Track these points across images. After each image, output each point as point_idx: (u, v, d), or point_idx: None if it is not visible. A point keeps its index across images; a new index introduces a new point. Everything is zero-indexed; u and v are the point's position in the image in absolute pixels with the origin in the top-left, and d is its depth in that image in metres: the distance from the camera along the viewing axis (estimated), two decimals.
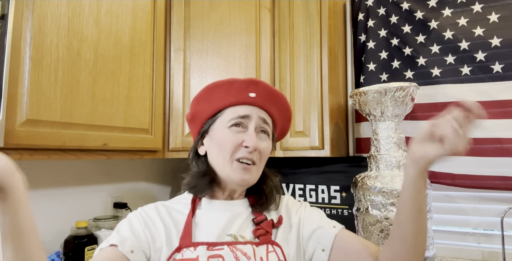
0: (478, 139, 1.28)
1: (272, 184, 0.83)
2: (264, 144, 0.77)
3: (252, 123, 0.76)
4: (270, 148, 0.79)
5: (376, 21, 1.52)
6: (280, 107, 0.82)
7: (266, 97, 0.78)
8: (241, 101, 0.77)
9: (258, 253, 0.71)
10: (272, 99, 0.79)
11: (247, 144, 0.73)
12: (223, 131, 0.76)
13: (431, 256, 1.12)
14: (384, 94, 1.17)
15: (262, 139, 0.77)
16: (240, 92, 0.77)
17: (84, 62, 1.03)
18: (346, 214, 1.52)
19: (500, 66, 1.28)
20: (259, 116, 0.77)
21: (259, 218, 0.77)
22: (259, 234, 0.74)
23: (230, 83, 0.78)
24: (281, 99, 0.81)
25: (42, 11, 0.92)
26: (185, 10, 1.40)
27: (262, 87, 0.78)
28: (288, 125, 0.87)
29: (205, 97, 0.80)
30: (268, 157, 0.79)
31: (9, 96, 0.83)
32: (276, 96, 0.80)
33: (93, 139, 1.04)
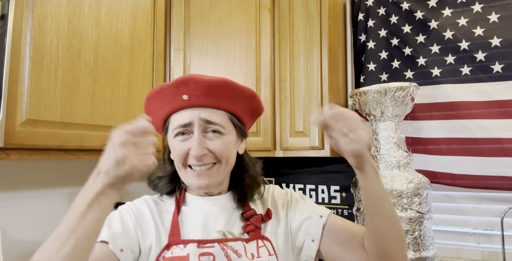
0: (478, 139, 1.28)
1: (251, 174, 0.79)
2: (216, 143, 0.71)
3: (196, 129, 0.70)
4: (228, 143, 0.73)
5: (376, 21, 1.52)
6: (228, 94, 0.73)
7: (202, 94, 0.70)
8: (176, 108, 0.72)
9: (249, 250, 0.71)
10: (210, 92, 0.71)
11: (191, 154, 0.70)
12: (171, 141, 0.74)
13: (431, 256, 1.12)
14: (384, 94, 1.17)
15: (212, 139, 0.71)
16: (172, 97, 0.71)
17: (84, 62, 1.03)
18: (346, 214, 1.52)
19: (500, 66, 1.28)
20: (200, 118, 0.70)
21: (249, 213, 0.76)
22: (249, 230, 0.73)
23: (159, 91, 0.73)
24: (223, 86, 0.72)
25: (42, 11, 0.92)
26: (185, 10, 1.40)
27: (192, 85, 0.70)
28: (253, 100, 0.77)
29: (148, 108, 0.77)
30: (233, 150, 0.75)
31: (9, 96, 0.83)
32: (214, 86, 0.71)
33: (93, 139, 1.03)
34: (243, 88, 0.75)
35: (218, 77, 0.72)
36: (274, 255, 0.72)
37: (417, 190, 1.12)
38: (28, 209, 1.17)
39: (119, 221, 0.71)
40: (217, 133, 0.72)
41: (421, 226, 1.11)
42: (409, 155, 1.19)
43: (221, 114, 0.73)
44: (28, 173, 1.18)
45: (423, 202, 1.12)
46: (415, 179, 1.13)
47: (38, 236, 1.18)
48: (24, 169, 1.17)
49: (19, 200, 1.15)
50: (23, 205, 1.16)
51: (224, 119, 0.73)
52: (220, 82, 0.71)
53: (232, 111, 0.75)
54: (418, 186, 1.12)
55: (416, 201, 1.11)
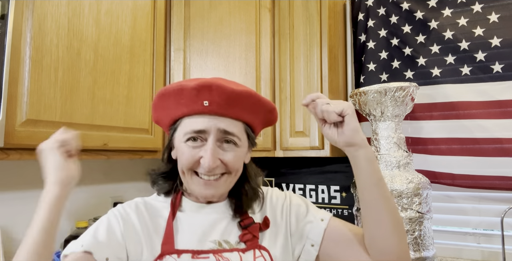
0: (478, 139, 1.28)
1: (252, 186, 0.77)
2: (230, 155, 0.68)
3: (211, 138, 0.66)
4: (240, 156, 0.70)
5: (376, 21, 1.52)
6: (250, 106, 0.69)
7: (224, 102, 0.66)
8: (194, 112, 0.67)
9: (245, 259, 0.68)
10: (233, 102, 0.67)
11: (203, 164, 0.66)
12: (180, 144, 0.69)
13: (431, 256, 1.12)
14: (384, 94, 1.17)
15: (226, 150, 0.68)
16: (192, 100, 0.67)
17: (84, 62, 1.03)
18: (346, 214, 1.52)
19: (500, 66, 1.28)
20: (218, 128, 0.66)
21: (246, 222, 0.72)
22: (246, 239, 0.70)
23: (179, 91, 0.68)
24: (247, 98, 0.68)
25: (42, 11, 0.92)
26: (185, 10, 1.40)
27: (216, 92, 0.65)
28: (271, 115, 0.76)
29: (159, 104, 0.72)
30: (241, 163, 0.72)
31: (9, 96, 0.83)
32: (238, 97, 0.67)
33: (93, 139, 1.04)
34: (265, 102, 0.72)
35: (243, 88, 0.68)
36: None
37: (417, 190, 1.12)
38: (28, 209, 1.17)
39: (105, 229, 0.68)
40: (232, 144, 0.69)
41: (421, 226, 1.11)
42: (409, 155, 1.19)
43: (239, 125, 0.70)
44: (28, 173, 1.18)
45: (423, 202, 1.12)
46: (415, 179, 1.13)
47: None
48: (24, 169, 1.17)
49: (19, 200, 1.15)
50: (23, 205, 1.16)
51: (240, 130, 0.70)
52: (246, 93, 0.67)
53: (249, 122, 0.72)
54: (418, 186, 1.12)
55: (416, 201, 1.11)
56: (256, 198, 0.77)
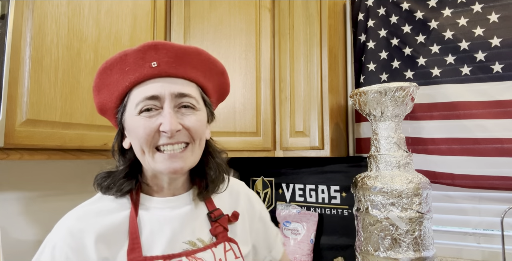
0: (478, 139, 1.28)
1: (217, 161, 0.71)
2: (192, 118, 0.62)
3: (166, 103, 0.60)
4: (203, 120, 0.65)
5: (376, 21, 1.52)
6: (201, 64, 0.65)
7: (173, 60, 0.61)
8: (143, 76, 0.61)
9: (218, 255, 0.65)
10: (182, 59, 0.62)
11: (163, 129, 0.59)
12: (134, 119, 0.61)
13: (431, 256, 1.12)
14: (384, 94, 1.17)
15: (186, 114, 0.62)
16: (138, 64, 0.61)
17: (84, 62, 1.03)
18: (346, 214, 1.52)
19: (500, 66, 1.28)
20: (172, 92, 0.60)
21: (216, 213, 0.69)
22: (217, 232, 0.68)
23: (122, 57, 0.61)
24: (197, 55, 0.65)
25: (42, 11, 0.92)
26: (185, 10, 1.40)
27: (163, 50, 0.61)
28: (224, 79, 0.71)
29: (101, 84, 0.64)
30: (204, 128, 0.66)
31: (9, 96, 0.83)
32: (187, 53, 0.63)
33: (93, 139, 1.03)
34: (216, 61, 0.68)
35: (194, 47, 0.63)
36: (241, 258, 0.69)
37: (417, 190, 1.12)
38: (28, 209, 1.17)
39: None
40: (191, 108, 0.63)
41: (421, 226, 1.11)
42: (409, 155, 1.20)
43: (194, 87, 0.65)
44: (28, 173, 1.18)
45: (423, 202, 1.12)
46: (415, 179, 1.13)
47: (38, 236, 1.18)
48: (24, 169, 1.17)
49: (19, 200, 1.15)
50: (23, 205, 1.16)
51: (196, 92, 0.65)
52: (194, 49, 0.64)
53: (203, 85, 0.67)
54: (418, 186, 1.12)
55: (416, 201, 1.11)
56: (222, 177, 0.72)
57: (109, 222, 0.61)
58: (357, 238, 1.22)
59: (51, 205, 1.23)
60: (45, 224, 1.21)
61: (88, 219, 0.61)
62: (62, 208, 1.26)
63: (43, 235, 1.22)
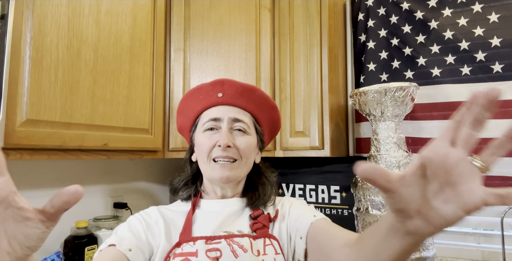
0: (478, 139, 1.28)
1: (266, 180, 0.85)
2: (241, 140, 0.78)
3: (224, 124, 0.78)
4: (251, 143, 0.80)
5: (376, 21, 1.52)
6: (255, 99, 0.82)
7: (235, 94, 0.80)
8: (210, 104, 0.81)
9: (255, 246, 0.72)
10: (242, 94, 0.80)
11: (219, 143, 0.75)
12: (200, 136, 0.79)
13: (431, 256, 1.12)
14: (384, 94, 1.17)
15: (238, 136, 0.78)
16: (209, 95, 0.81)
17: (84, 62, 1.03)
18: (346, 214, 1.52)
19: (500, 66, 1.28)
20: (229, 116, 0.78)
21: (256, 213, 0.79)
22: (256, 228, 0.75)
23: (198, 89, 0.82)
24: (253, 91, 0.82)
25: (42, 11, 0.92)
26: (185, 10, 1.40)
27: (228, 85, 0.80)
28: (275, 113, 0.87)
29: (183, 108, 0.85)
30: (253, 153, 0.81)
31: (9, 96, 0.83)
32: (246, 89, 0.81)
33: (93, 139, 1.04)
34: (268, 97, 0.84)
35: (250, 84, 0.82)
36: (281, 254, 0.73)
37: None
38: None
39: (127, 227, 0.74)
40: (242, 132, 0.79)
41: None
42: (409, 155, 1.19)
43: (248, 116, 0.81)
44: (28, 173, 1.18)
45: None
46: None
47: None
48: (24, 169, 1.17)
49: None
50: None
51: (249, 119, 0.81)
52: (252, 86, 0.82)
53: (256, 116, 0.83)
54: None
55: None
56: (271, 191, 0.83)
57: (174, 214, 0.79)
58: None
59: None
60: None
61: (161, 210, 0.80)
62: None
63: None
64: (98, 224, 1.29)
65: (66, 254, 1.18)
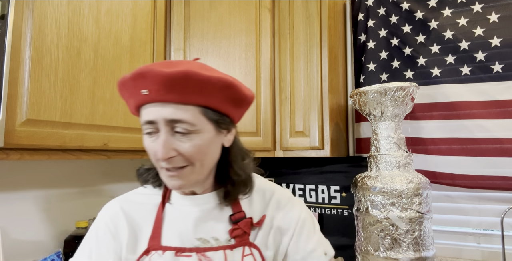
0: (478, 139, 1.28)
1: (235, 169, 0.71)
2: (186, 145, 0.62)
3: (162, 128, 0.62)
4: (200, 143, 0.63)
5: (376, 21, 1.52)
6: (193, 86, 0.60)
7: (163, 88, 0.59)
8: (140, 102, 0.63)
9: (231, 258, 0.65)
10: (172, 86, 0.59)
11: (156, 157, 0.62)
12: (144, 138, 0.66)
13: (431, 256, 1.12)
14: (384, 94, 1.17)
15: (181, 139, 0.62)
16: (134, 93, 0.63)
17: (84, 62, 1.03)
18: (346, 214, 1.52)
19: (500, 66, 1.28)
20: (164, 117, 0.61)
21: (237, 216, 0.69)
22: (236, 235, 0.66)
23: (122, 84, 0.65)
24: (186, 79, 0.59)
25: (42, 11, 0.92)
26: (185, 10, 1.40)
27: (150, 78, 0.59)
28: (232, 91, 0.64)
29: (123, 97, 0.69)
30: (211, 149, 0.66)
31: (9, 96, 0.82)
32: (176, 79, 0.59)
33: (93, 139, 1.03)
34: (211, 79, 0.61)
35: (180, 69, 0.59)
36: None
37: (417, 190, 1.12)
38: (28, 209, 1.17)
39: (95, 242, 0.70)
40: (185, 133, 0.62)
41: (421, 226, 1.11)
42: (409, 155, 1.19)
43: (189, 109, 0.62)
44: (28, 173, 1.18)
45: (423, 202, 1.12)
46: (415, 179, 1.13)
47: (38, 236, 1.18)
48: (24, 169, 1.17)
49: (19, 200, 1.14)
50: (23, 205, 1.16)
51: (193, 114, 0.62)
52: (181, 74, 0.58)
53: (205, 104, 0.63)
54: (418, 186, 1.12)
55: (416, 201, 1.11)
56: (243, 183, 0.70)
57: (142, 211, 0.71)
58: (357, 238, 1.22)
59: (51, 205, 1.23)
60: (45, 224, 1.21)
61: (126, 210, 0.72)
62: (62, 208, 1.27)
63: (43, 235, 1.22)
64: None
65: (66, 254, 1.18)
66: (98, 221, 0.73)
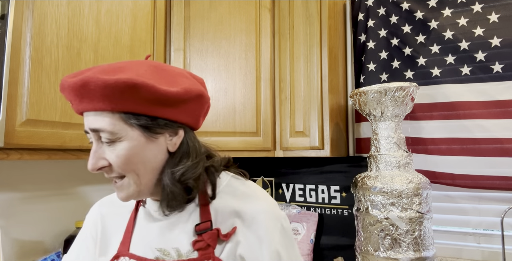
0: (478, 139, 1.28)
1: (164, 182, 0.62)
2: (112, 155, 0.58)
3: (92, 138, 0.60)
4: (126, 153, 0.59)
5: (376, 21, 1.52)
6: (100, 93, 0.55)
7: (76, 98, 0.57)
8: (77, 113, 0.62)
9: None
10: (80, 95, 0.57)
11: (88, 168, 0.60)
12: None
13: (431, 256, 1.12)
14: (384, 94, 1.17)
15: (109, 150, 0.59)
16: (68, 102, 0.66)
17: (84, 62, 1.03)
18: (346, 214, 1.52)
19: (500, 66, 1.28)
20: (89, 128, 0.59)
21: (202, 226, 0.62)
22: (199, 248, 0.60)
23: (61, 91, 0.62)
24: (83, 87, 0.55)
25: (42, 11, 0.92)
26: (185, 10, 1.40)
27: (67, 89, 0.57)
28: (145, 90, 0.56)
29: None
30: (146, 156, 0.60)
31: (9, 96, 0.83)
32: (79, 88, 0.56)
33: None
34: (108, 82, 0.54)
35: (80, 77, 0.56)
36: None
37: (417, 190, 1.12)
38: (28, 209, 1.17)
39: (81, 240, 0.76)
40: (110, 142, 0.59)
41: (421, 226, 1.11)
42: (409, 155, 1.20)
43: (106, 116, 0.58)
44: (28, 173, 1.18)
45: (423, 202, 1.12)
46: (415, 179, 1.13)
47: (38, 236, 1.18)
48: (24, 169, 1.17)
49: (19, 200, 1.15)
50: (23, 205, 1.16)
51: (110, 122, 0.57)
52: (79, 82, 0.55)
53: (122, 109, 0.57)
54: (418, 186, 1.12)
55: (416, 201, 1.11)
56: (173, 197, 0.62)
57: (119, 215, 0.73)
58: (357, 238, 1.22)
59: (51, 205, 1.23)
60: (45, 224, 1.21)
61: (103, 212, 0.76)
62: (62, 208, 1.27)
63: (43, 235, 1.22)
64: None
65: None
66: (84, 224, 0.79)
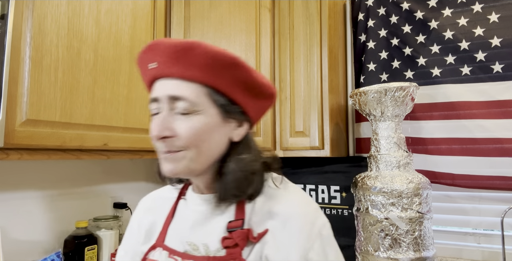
0: (478, 139, 1.28)
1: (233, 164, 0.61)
2: (183, 125, 0.57)
3: (164, 106, 0.58)
4: (199, 126, 0.57)
5: (376, 21, 1.52)
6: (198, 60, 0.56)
7: (169, 59, 0.57)
8: (148, 79, 0.61)
9: None
10: (178, 57, 0.56)
11: (151, 135, 0.57)
12: None
13: (431, 256, 1.12)
14: (384, 94, 1.17)
15: (180, 119, 0.57)
16: (143, 67, 0.61)
17: (84, 62, 1.03)
18: (346, 214, 1.52)
19: (500, 66, 1.28)
20: (166, 94, 0.57)
21: (234, 224, 0.59)
22: (227, 245, 0.58)
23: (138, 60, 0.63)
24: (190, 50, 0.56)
25: (42, 11, 0.92)
26: (185, 10, 1.40)
27: (159, 50, 0.57)
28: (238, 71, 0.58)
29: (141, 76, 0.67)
30: (212, 136, 0.59)
31: (9, 96, 0.83)
32: (181, 49, 0.56)
33: (93, 139, 1.03)
34: (218, 53, 0.56)
35: (189, 40, 0.56)
36: None
37: (417, 190, 1.12)
38: (28, 209, 1.17)
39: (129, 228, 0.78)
40: (186, 113, 0.57)
41: (421, 226, 1.11)
42: (409, 155, 1.19)
43: (192, 87, 0.57)
44: (28, 173, 1.18)
45: (423, 202, 1.12)
46: (415, 179, 1.13)
47: (38, 236, 1.18)
48: (24, 169, 1.17)
49: (19, 200, 1.15)
50: (23, 205, 1.16)
51: (195, 92, 0.57)
52: (188, 44, 0.55)
53: (212, 84, 0.58)
54: (418, 186, 1.12)
55: (416, 201, 1.11)
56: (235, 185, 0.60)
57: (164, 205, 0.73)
58: (357, 238, 1.22)
59: (51, 205, 1.23)
60: (45, 224, 1.21)
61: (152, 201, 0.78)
62: (62, 208, 1.27)
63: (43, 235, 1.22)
64: (98, 224, 1.29)
65: (66, 254, 1.18)
66: (132, 215, 0.80)
